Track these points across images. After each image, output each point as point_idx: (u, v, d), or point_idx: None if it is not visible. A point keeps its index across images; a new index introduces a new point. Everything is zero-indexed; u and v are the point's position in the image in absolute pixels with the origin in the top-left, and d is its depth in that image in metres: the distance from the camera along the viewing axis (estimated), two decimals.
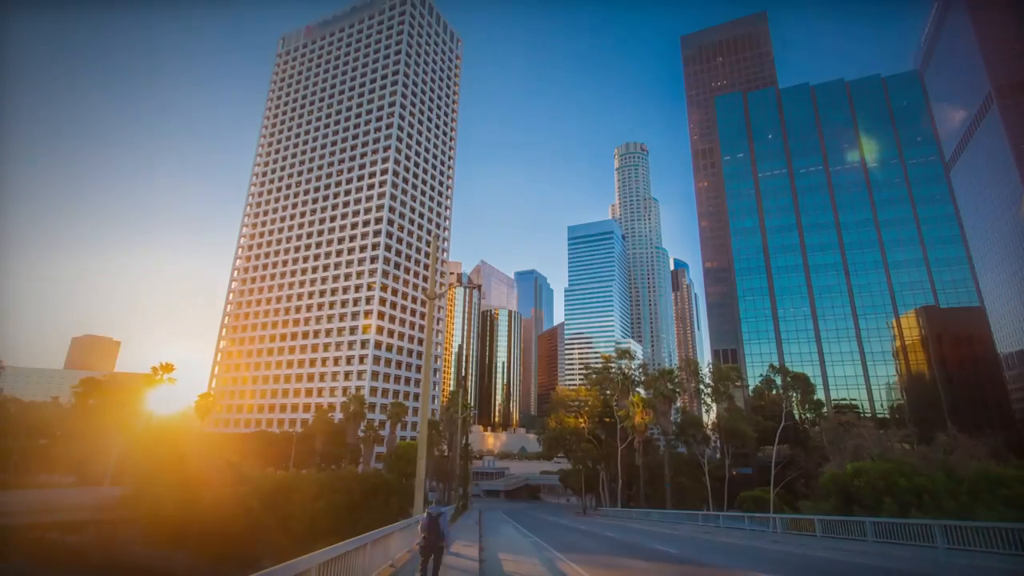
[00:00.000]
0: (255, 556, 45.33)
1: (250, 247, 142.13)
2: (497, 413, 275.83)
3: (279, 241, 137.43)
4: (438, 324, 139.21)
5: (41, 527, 52.33)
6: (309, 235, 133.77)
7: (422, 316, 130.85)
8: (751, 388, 78.82)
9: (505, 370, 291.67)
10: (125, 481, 58.63)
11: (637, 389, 64.00)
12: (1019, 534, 16.42)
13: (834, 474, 30.05)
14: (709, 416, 66.03)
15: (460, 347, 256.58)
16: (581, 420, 68.55)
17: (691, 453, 60.78)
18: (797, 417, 65.24)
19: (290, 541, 43.65)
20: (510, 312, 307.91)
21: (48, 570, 51.20)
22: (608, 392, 67.27)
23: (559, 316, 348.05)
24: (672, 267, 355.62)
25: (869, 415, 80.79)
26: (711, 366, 70.27)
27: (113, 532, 53.56)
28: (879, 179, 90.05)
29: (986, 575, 14.46)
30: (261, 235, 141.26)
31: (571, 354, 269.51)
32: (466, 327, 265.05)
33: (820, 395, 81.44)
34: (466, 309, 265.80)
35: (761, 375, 65.92)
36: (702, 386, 60.17)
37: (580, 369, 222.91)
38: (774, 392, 55.40)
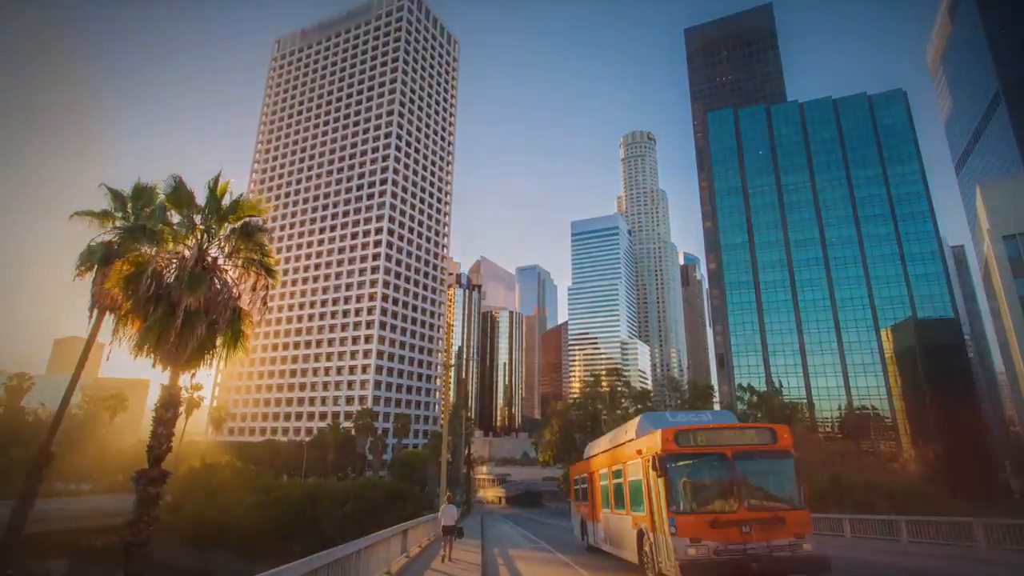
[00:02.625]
0: (287, 556, 57.46)
1: None
2: (499, 417, 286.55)
3: (279, 250, 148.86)
4: (436, 331, 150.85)
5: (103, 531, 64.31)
6: (309, 244, 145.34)
7: (423, 324, 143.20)
8: (728, 402, 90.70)
9: (507, 372, 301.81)
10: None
11: (623, 402, 75.87)
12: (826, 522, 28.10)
13: None
14: None
15: (460, 349, 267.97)
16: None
17: None
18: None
19: (320, 542, 55.66)
20: (511, 313, 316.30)
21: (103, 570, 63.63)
22: (599, 406, 79.09)
23: (563, 312, 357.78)
24: (682, 261, 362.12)
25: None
26: (689, 384, 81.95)
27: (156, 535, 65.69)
28: (863, 196, 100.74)
29: None
30: None
31: (575, 355, 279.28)
32: (466, 329, 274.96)
33: (805, 404, 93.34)
34: (466, 310, 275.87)
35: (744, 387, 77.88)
36: (680, 402, 72.14)
37: (585, 371, 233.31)
38: (743, 407, 67.29)
